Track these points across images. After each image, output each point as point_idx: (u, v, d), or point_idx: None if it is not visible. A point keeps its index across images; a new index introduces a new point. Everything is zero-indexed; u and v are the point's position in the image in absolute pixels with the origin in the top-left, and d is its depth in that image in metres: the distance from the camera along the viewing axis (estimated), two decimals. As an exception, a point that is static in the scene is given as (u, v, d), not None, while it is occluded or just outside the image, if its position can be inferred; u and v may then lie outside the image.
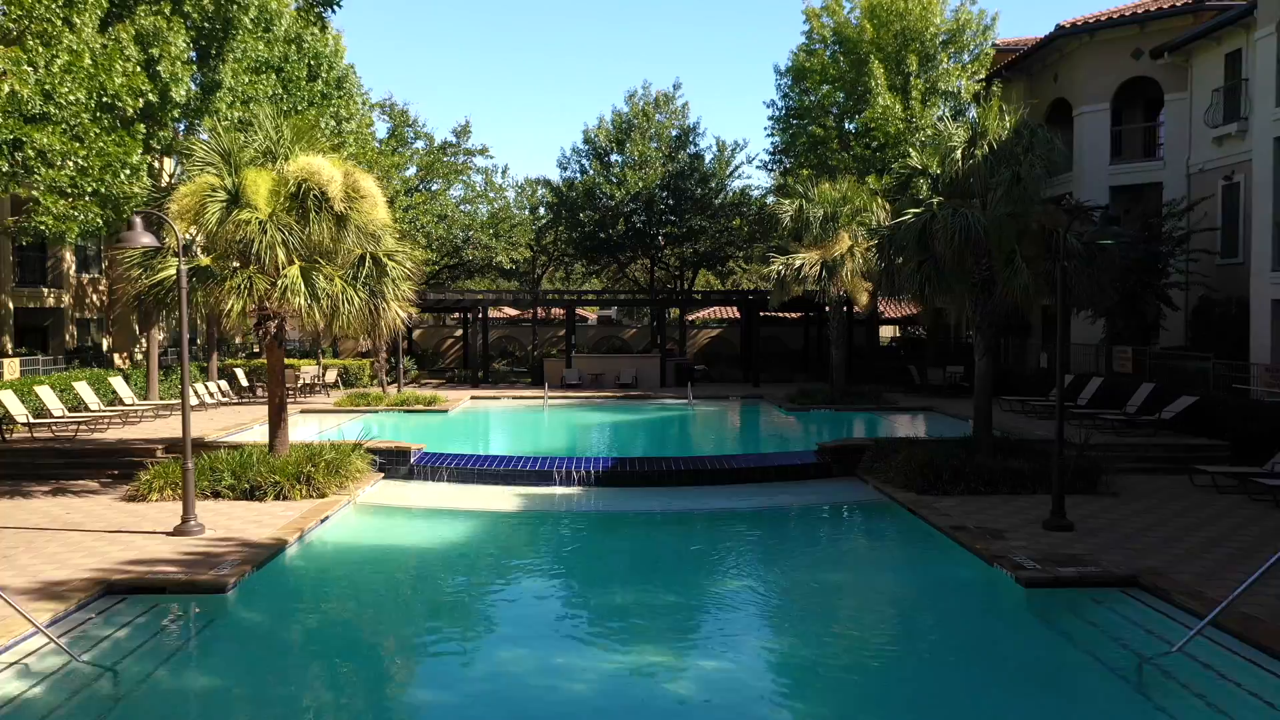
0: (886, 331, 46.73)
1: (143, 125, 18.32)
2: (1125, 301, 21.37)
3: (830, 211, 24.42)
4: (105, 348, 32.81)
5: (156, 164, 22.06)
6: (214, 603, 9.71)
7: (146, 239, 12.12)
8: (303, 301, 14.15)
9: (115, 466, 16.54)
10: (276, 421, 15.68)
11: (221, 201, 14.16)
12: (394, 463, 16.84)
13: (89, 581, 9.89)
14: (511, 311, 47.02)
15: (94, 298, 32.70)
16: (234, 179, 14.49)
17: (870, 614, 10.13)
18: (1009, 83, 29.09)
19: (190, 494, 12.21)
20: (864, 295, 24.35)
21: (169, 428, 20.19)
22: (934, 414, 24.06)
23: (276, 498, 14.26)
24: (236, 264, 14.49)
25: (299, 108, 23.82)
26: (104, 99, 16.49)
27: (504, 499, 15.14)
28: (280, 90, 23.22)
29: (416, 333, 44.48)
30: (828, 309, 35.64)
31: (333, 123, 24.90)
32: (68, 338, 31.02)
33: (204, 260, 14.54)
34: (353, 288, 14.86)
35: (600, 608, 10.02)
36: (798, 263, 24.08)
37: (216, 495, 14.40)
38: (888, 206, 24.43)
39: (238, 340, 38.48)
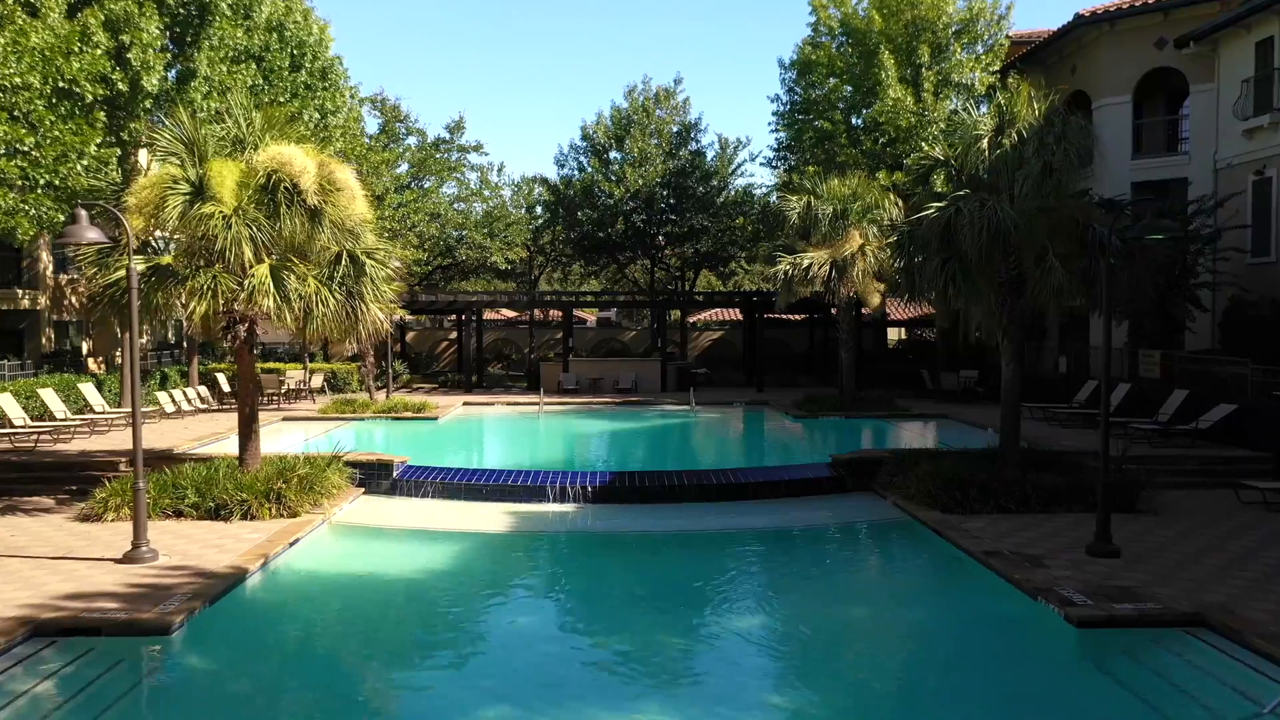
0: (891, 333, 45.54)
1: (103, 113, 17.10)
2: (1153, 302, 20.21)
3: (840, 208, 23.23)
4: (85, 351, 31.62)
5: (132, 157, 20.85)
6: (156, 646, 8.52)
7: (92, 234, 10.92)
8: (271, 303, 12.98)
9: (73, 481, 15.33)
10: (247, 433, 14.48)
11: (184, 194, 12.97)
12: (375, 477, 15.65)
13: (15, 621, 8.70)
14: (510, 313, 45.83)
15: (73, 299, 31.50)
16: (199, 170, 13.32)
17: (902, 657, 8.95)
18: (1024, 75, 27.83)
19: (141, 517, 11.01)
20: (875, 297, 23.16)
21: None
22: (950, 421, 22.87)
23: (243, 517, 13.07)
24: (201, 263, 13.30)
25: (281, 99, 22.61)
26: (60, 85, 15.29)
27: (493, 517, 13.95)
28: (261, 81, 22.04)
29: (410, 335, 43.32)
30: (834, 311, 34.71)
31: (316, 115, 23.70)
32: (44, 341, 29.82)
33: (165, 258, 13.36)
34: (328, 288, 13.68)
35: (596, 654, 8.83)
36: (806, 262, 22.89)
37: (179, 515, 13.22)
38: (901, 203, 23.27)
39: (226, 344, 37.31)
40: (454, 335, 41.56)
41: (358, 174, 30.14)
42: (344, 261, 13.89)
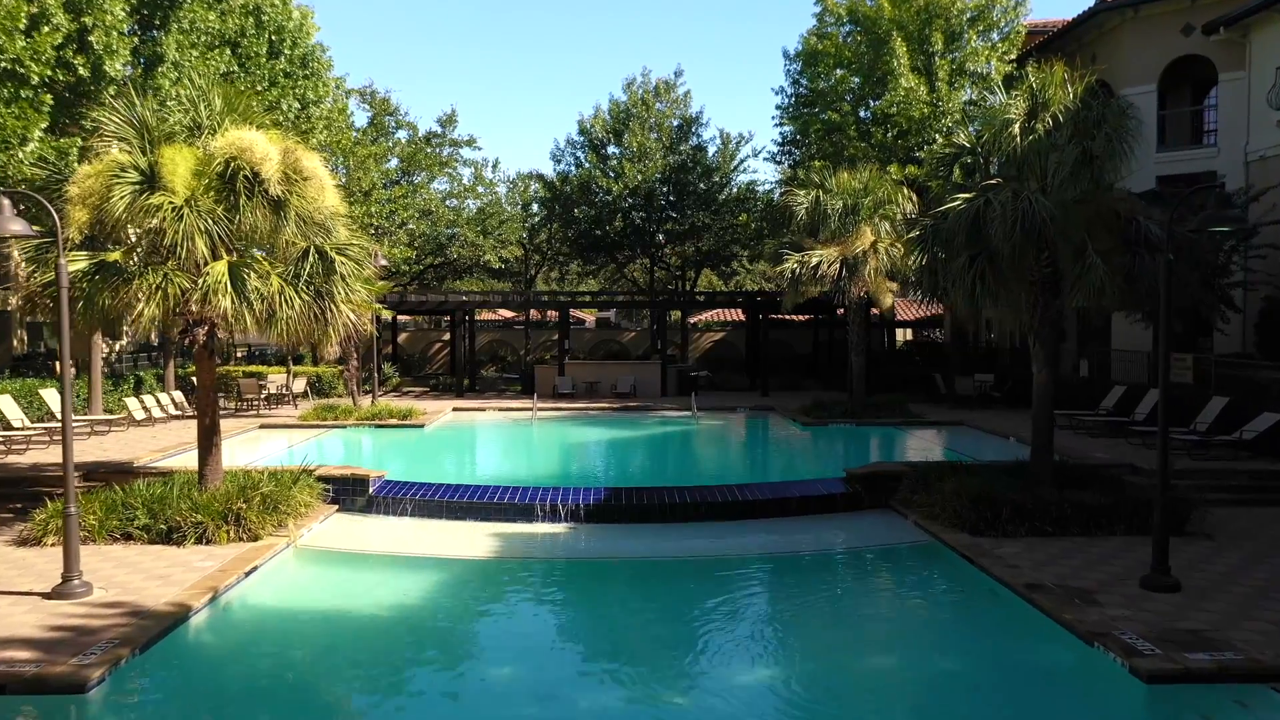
0: (895, 334, 44.24)
1: (49, 96, 15.80)
2: (1190, 302, 18.94)
3: (850, 203, 21.94)
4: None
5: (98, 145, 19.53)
6: (66, 709, 7.23)
7: (16, 226, 9.63)
8: (229, 304, 11.68)
9: (19, 499, 14.01)
10: (207, 446, 13.17)
11: (132, 183, 11.68)
12: (349, 493, 14.38)
13: (-98, 676, 7.43)
14: (507, 314, 44.52)
15: (48, 299, 30.13)
16: (150, 157, 12.04)
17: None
18: (1041, 64, 26.62)
19: (72, 545, 9.71)
20: (888, 297, 21.89)
21: (103, 448, 17.74)
22: (967, 429, 21.56)
23: (198, 541, 11.78)
24: (152, 260, 12.02)
25: (259, 87, 21.32)
26: (3, 65, 14.00)
27: (476, 540, 12.66)
28: (236, 68, 20.74)
29: (403, 336, 42.03)
30: (840, 311, 33.39)
31: (296, 105, 22.38)
32: (16, 343, 28.50)
33: (113, 254, 12.06)
34: (293, 287, 12.39)
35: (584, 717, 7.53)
36: (814, 260, 21.60)
37: (128, 538, 11.95)
38: (915, 198, 22.02)
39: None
40: (448, 337, 40.28)
41: (344, 168, 29.15)
42: (311, 258, 12.59)
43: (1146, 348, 23.32)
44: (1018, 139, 13.09)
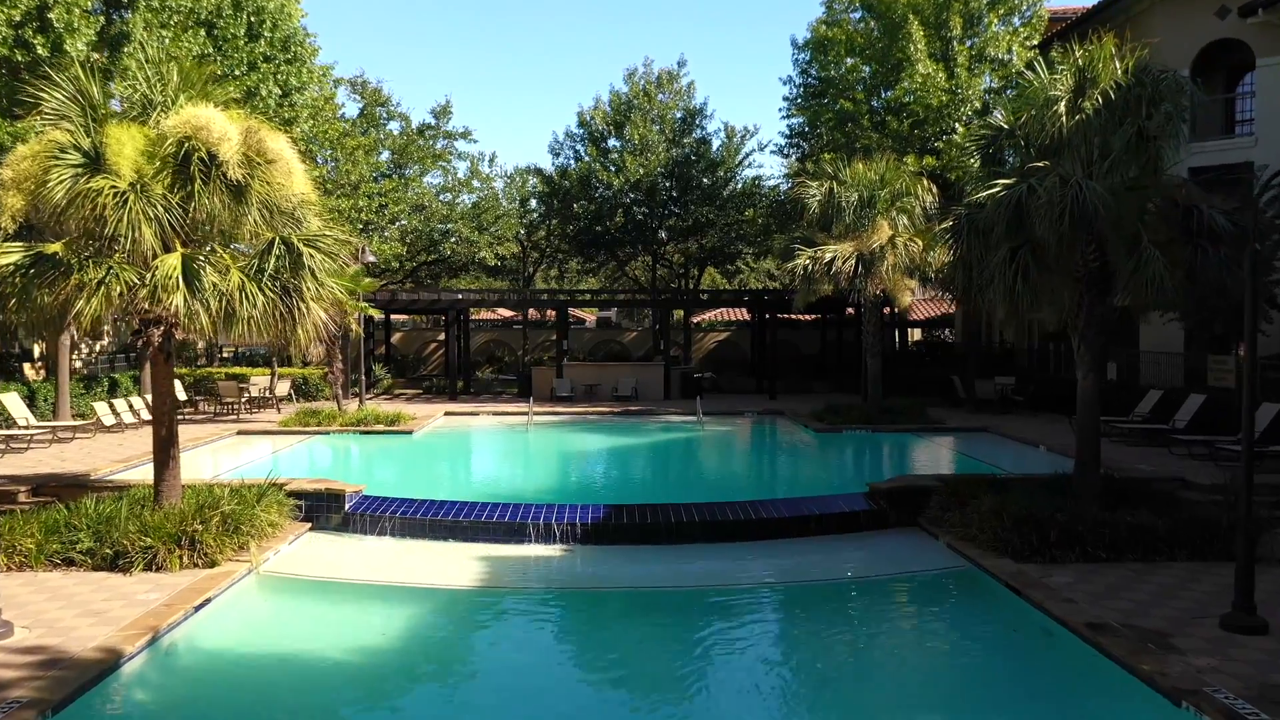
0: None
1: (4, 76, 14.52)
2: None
3: (866, 196, 20.63)
4: (37, 354, 29.00)
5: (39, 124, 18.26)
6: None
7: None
8: (180, 301, 10.39)
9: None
10: (163, 460, 11.87)
11: (74, 165, 10.43)
12: (323, 509, 13.08)
13: None
14: (506, 313, 43.20)
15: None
16: (94, 137, 10.76)
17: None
18: (1067, 49, 25.31)
19: (-12, 581, 8.40)
20: (906, 295, 20.59)
21: (62, 457, 16.45)
22: (992, 436, 20.23)
23: (147, 568, 10.47)
24: (94, 252, 10.72)
25: (236, 71, 20.02)
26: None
27: (461, 565, 11.37)
28: (211, 50, 19.43)
29: (397, 336, 40.77)
30: (849, 310, 32.10)
31: (277, 91, 21.06)
32: (-18, 343, 27.17)
33: (52, 246, 10.74)
34: (256, 283, 11.10)
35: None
36: (828, 256, 20.29)
37: (69, 564, 10.64)
38: (934, 189, 20.71)
39: (200, 345, 34.69)
40: (444, 337, 38.97)
41: (332, 160, 27.84)
42: (277, 250, 11.29)
43: (1178, 349, 22.04)
44: (1063, 118, 11.77)
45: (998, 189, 11.68)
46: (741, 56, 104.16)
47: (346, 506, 13.01)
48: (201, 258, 10.97)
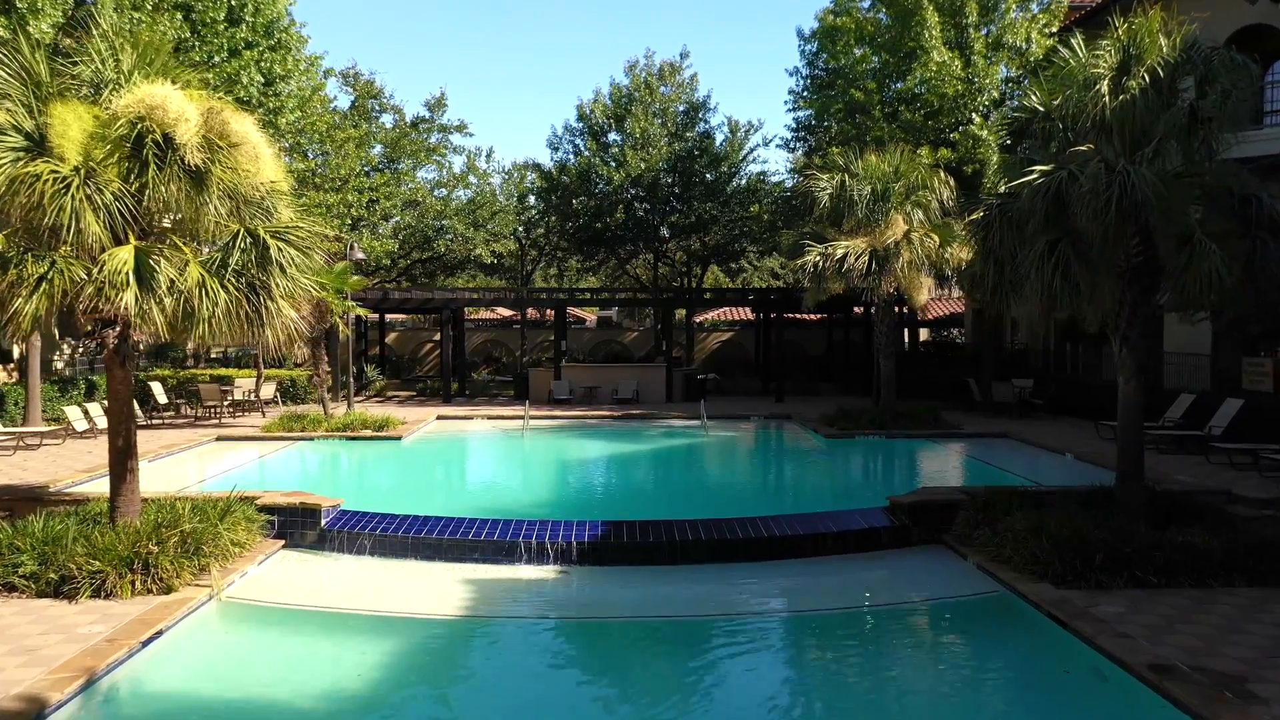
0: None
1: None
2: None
3: (879, 189, 19.58)
4: (16, 355, 27.97)
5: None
6: None
7: None
8: (130, 299, 9.36)
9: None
10: (120, 473, 10.86)
11: (13, 149, 9.43)
12: (298, 525, 12.05)
13: None
14: (505, 312, 42.15)
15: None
16: (38, 118, 9.74)
17: None
18: (1087, 39, 24.27)
19: (-102, 618, 7.37)
20: (922, 293, 19.53)
21: (24, 466, 15.44)
22: (1013, 443, 19.16)
23: (95, 594, 9.44)
24: (34, 245, 9.70)
25: (215, 57, 18.99)
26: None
27: (445, 589, 10.35)
28: (189, 34, 18.39)
29: (392, 336, 39.75)
30: (858, 309, 31.04)
31: (260, 79, 20.02)
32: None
33: (-10, 239, 9.72)
34: (218, 279, 10.07)
35: None
36: (840, 252, 19.25)
37: (10, 590, 9.62)
38: (952, 182, 19.68)
39: (189, 346, 33.66)
40: (439, 337, 37.93)
41: (320, 154, 26.80)
42: (242, 243, 10.26)
43: (1204, 350, 20.98)
44: (1106, 99, 10.72)
45: (1034, 176, 10.66)
46: (743, 55, 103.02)
47: (323, 522, 11.99)
48: (158, 251, 9.92)
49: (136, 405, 21.40)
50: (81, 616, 8.91)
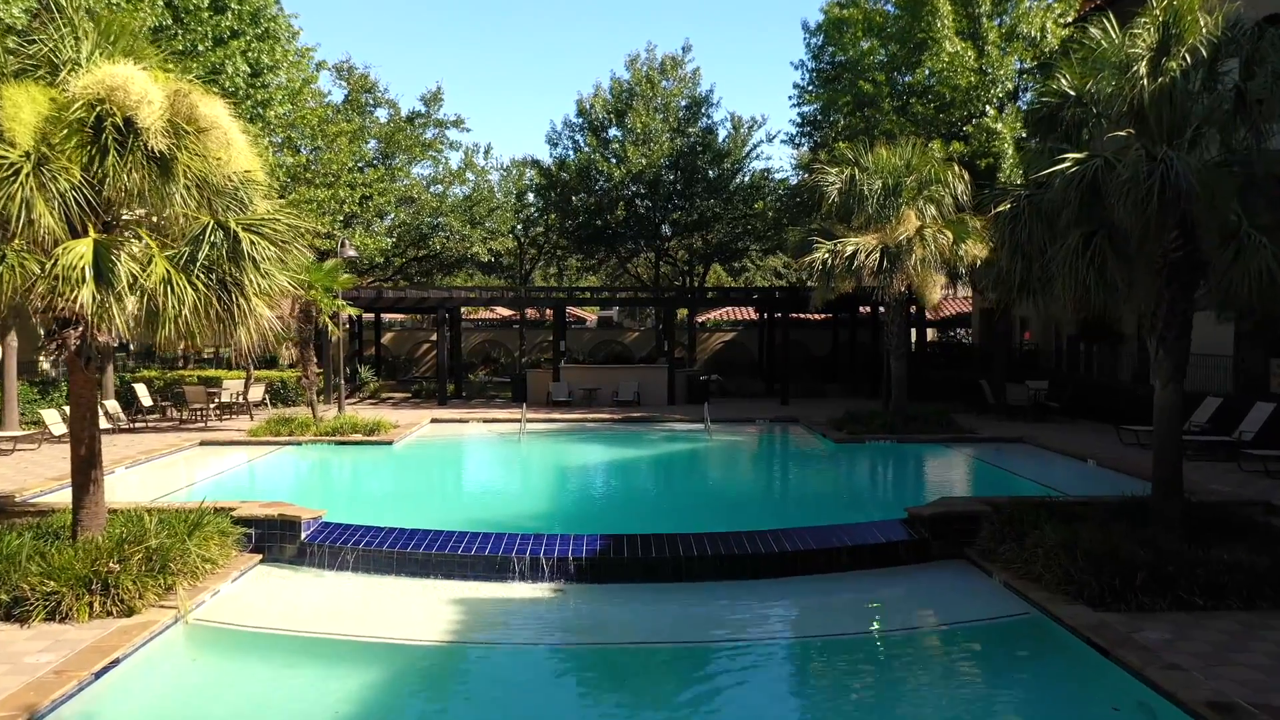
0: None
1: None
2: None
3: (891, 183, 18.81)
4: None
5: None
6: None
7: None
8: (87, 296, 8.60)
9: None
10: (83, 483, 10.10)
11: (-42, 134, 8.65)
12: (276, 538, 11.30)
13: None
14: (505, 312, 41.38)
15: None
16: (-12, 101, 8.98)
17: None
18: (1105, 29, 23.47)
19: None
20: (935, 291, 18.79)
21: (-7, 474, 14.67)
22: (1030, 448, 18.38)
23: (50, 618, 8.68)
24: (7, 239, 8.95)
25: (199, 46, 18.23)
26: None
27: (432, 610, 9.61)
28: (170, 21, 17.63)
29: (388, 336, 38.99)
30: (864, 309, 30.31)
31: (246, 69, 19.25)
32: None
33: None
34: (186, 275, 9.31)
35: None
36: (849, 249, 18.48)
37: (-41, 612, 8.85)
38: (967, 176, 18.92)
39: (181, 346, 32.90)
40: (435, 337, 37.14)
41: (311, 148, 26.04)
42: (211, 236, 9.50)
43: (1226, 351, 20.21)
44: (1144, 80, 9.96)
45: (1067, 164, 9.88)
46: (745, 55, 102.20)
47: (303, 536, 11.23)
48: (119, 245, 9.17)
49: (120, 408, 20.75)
50: (32, 643, 8.15)
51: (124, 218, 9.90)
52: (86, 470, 10.13)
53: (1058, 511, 11.13)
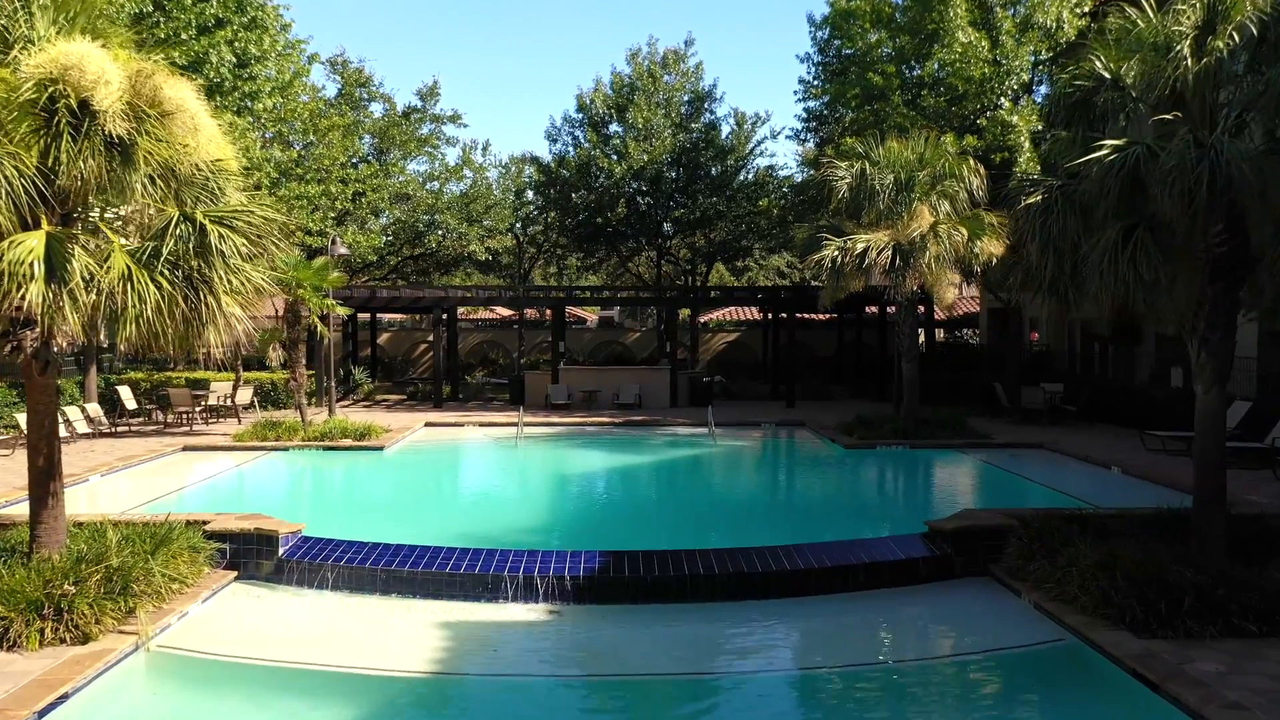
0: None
1: None
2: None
3: (904, 178, 18.06)
4: (-16, 356, 26.46)
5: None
6: None
7: None
8: (37, 293, 7.85)
9: None
10: (41, 496, 9.34)
11: (-103, 118, 7.91)
12: (252, 554, 10.56)
13: None
14: (505, 312, 40.63)
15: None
16: (-68, 82, 8.24)
17: None
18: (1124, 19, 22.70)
19: None
20: (950, 291, 18.03)
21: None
22: (1050, 454, 17.60)
23: (-3, 645, 7.94)
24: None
25: (183, 34, 17.48)
26: None
27: (417, 635, 8.86)
28: (150, 8, 16.88)
29: (384, 337, 38.27)
30: (874, 309, 29.55)
31: (231, 59, 18.49)
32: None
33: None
34: (149, 272, 8.57)
35: None
36: (860, 246, 17.72)
37: (-100, 639, 8.09)
38: (983, 170, 18.16)
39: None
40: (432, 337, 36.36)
41: (302, 143, 25.29)
42: (177, 230, 8.75)
43: (1249, 352, 19.43)
44: (1188, 60, 9.19)
45: (1105, 151, 9.11)
46: (746, 55, 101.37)
47: (280, 551, 10.48)
48: (74, 239, 8.42)
49: (101, 412, 19.99)
50: (-26, 675, 7.40)
51: (105, 213, 9.16)
52: (45, 483, 9.38)
53: (1090, 526, 10.39)
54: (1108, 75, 10.08)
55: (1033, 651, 8.56)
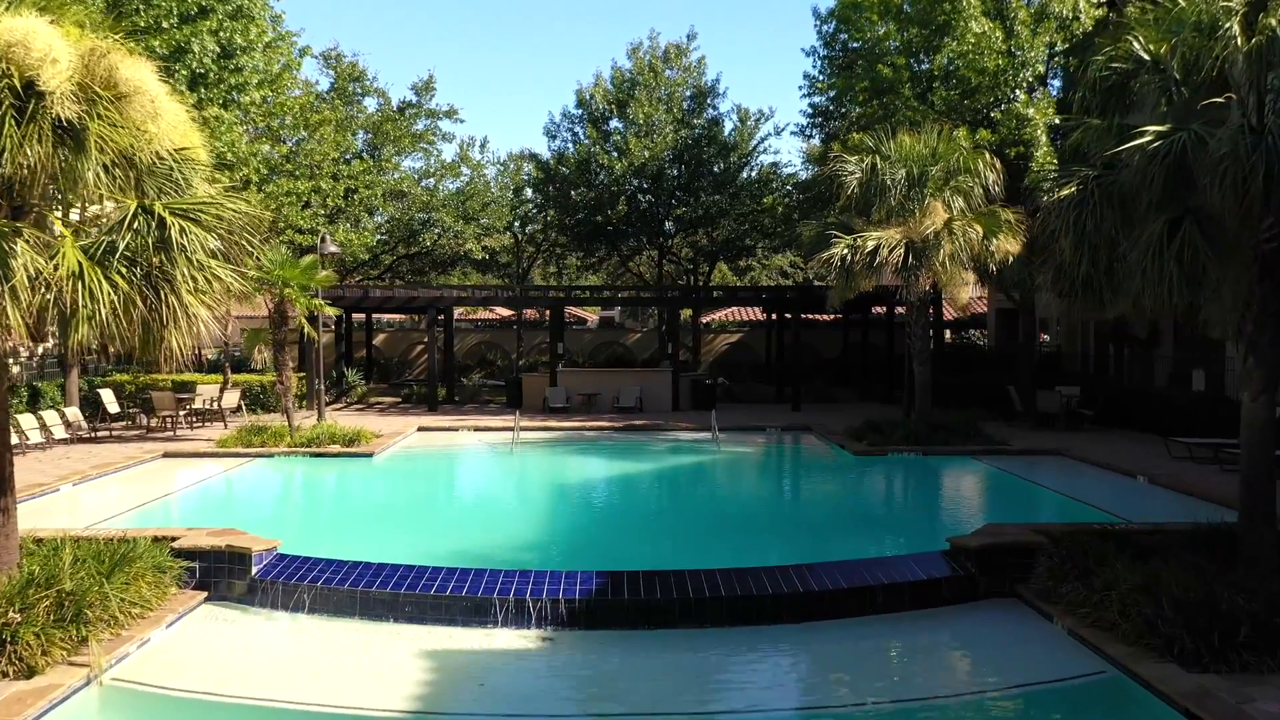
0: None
1: None
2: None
3: (916, 172, 17.31)
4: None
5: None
6: None
7: None
8: (-27, 293, 7.12)
9: None
10: (-10, 513, 8.60)
11: None
12: (224, 573, 9.82)
13: None
14: (504, 312, 39.87)
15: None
16: None
17: None
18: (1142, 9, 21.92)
19: None
20: (964, 290, 17.31)
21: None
22: (1070, 462, 16.83)
23: (-68, 682, 7.20)
24: None
25: (166, 23, 16.75)
26: None
27: (398, 665, 8.12)
28: (130, -5, 16.15)
29: (380, 338, 37.49)
30: (881, 309, 28.81)
31: (214, 48, 17.75)
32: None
33: None
34: (103, 269, 7.83)
35: None
36: (871, 244, 16.96)
37: None
38: (998, 165, 17.42)
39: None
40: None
41: (293, 138, 24.53)
42: (134, 223, 8.01)
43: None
44: (1238, 39, 8.44)
45: (1148, 138, 8.37)
46: (747, 54, 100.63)
47: (254, 571, 9.73)
48: (19, 233, 7.68)
49: (81, 416, 19.25)
50: (-99, 717, 6.65)
51: (70, 212, 8.43)
52: (-5, 498, 8.64)
53: (1127, 544, 9.63)
54: (1147, 57, 9.34)
55: (1072, 686, 7.81)
